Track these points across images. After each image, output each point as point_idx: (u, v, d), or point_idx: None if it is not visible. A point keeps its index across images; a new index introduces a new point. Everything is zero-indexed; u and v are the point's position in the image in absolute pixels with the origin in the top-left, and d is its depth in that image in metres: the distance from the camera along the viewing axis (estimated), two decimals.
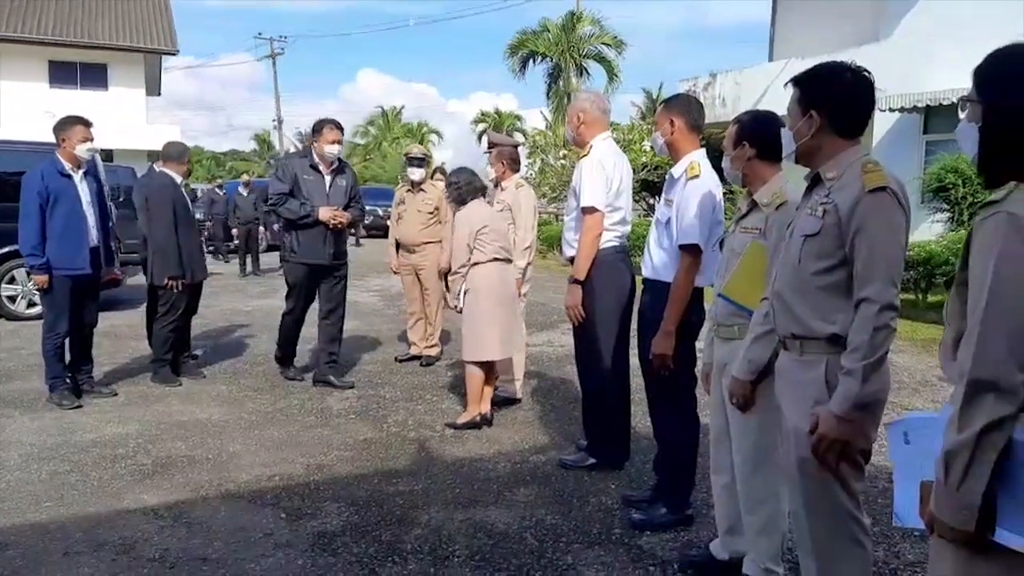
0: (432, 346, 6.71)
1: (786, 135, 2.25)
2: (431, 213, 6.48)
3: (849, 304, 2.05)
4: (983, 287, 1.39)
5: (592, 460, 4.14)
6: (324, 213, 5.50)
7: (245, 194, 13.80)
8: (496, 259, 4.76)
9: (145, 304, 6.47)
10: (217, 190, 15.71)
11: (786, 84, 2.23)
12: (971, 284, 1.45)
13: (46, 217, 4.97)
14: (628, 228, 4.05)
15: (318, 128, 5.58)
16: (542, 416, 5.16)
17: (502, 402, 5.28)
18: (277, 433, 4.77)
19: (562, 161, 16.51)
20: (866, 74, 2.14)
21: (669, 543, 3.30)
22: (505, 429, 4.89)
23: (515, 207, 5.08)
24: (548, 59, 27.07)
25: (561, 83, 27.23)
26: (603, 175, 3.88)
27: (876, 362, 1.98)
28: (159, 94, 28.82)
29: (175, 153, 6.08)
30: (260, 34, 53.67)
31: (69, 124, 5.12)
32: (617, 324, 4.00)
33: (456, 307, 4.91)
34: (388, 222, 7.89)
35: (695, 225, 3.19)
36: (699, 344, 3.33)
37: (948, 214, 9.94)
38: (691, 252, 3.21)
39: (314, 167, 5.58)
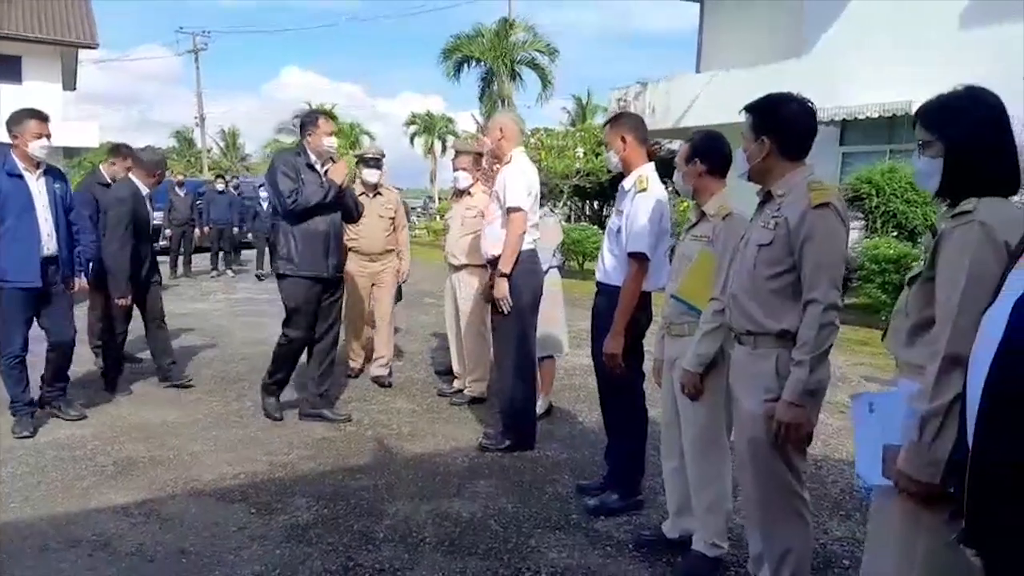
0: (384, 365, 6.09)
1: (740, 156, 2.54)
2: (392, 219, 6.03)
3: (797, 305, 2.35)
4: (956, 283, 1.70)
5: (507, 442, 4.54)
6: (337, 172, 4.84)
7: (182, 195, 13.50)
8: None
9: (87, 306, 6.38)
10: (178, 188, 14.00)
11: (741, 111, 2.52)
12: (941, 281, 1.75)
13: None
14: (539, 234, 4.57)
15: (311, 120, 4.89)
16: (494, 413, 5.36)
17: (469, 401, 5.51)
18: (235, 433, 4.84)
19: (497, 165, 16.73)
20: (809, 104, 2.45)
21: (623, 526, 3.56)
22: (459, 427, 5.08)
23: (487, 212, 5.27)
24: (482, 64, 27.33)
25: (495, 87, 27.54)
26: (525, 181, 4.40)
27: (822, 354, 2.29)
28: (75, 88, 27.77)
29: (150, 163, 5.78)
30: (182, 28, 52.33)
31: (20, 119, 4.57)
32: (531, 318, 4.50)
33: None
34: None
35: (642, 235, 3.45)
36: (647, 344, 3.61)
37: (863, 222, 10.59)
38: (639, 259, 3.47)
39: (310, 165, 4.81)
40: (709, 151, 3.02)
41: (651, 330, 3.65)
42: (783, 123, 2.45)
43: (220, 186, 14.66)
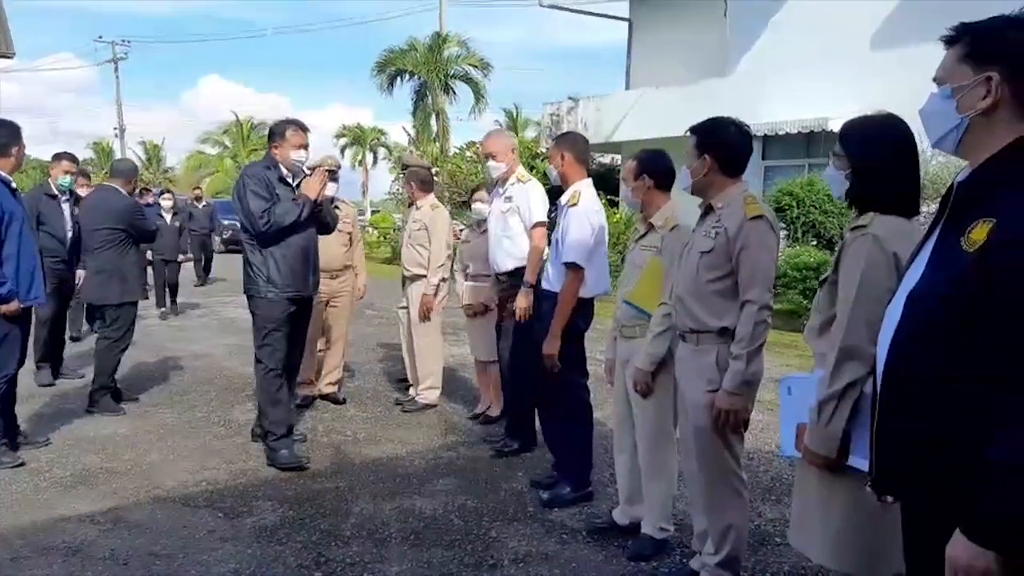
0: (334, 383, 5.95)
1: (684, 172, 2.84)
2: (349, 233, 5.76)
3: (735, 305, 2.66)
4: (852, 286, 2.02)
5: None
6: (311, 186, 4.47)
7: (200, 207, 13.10)
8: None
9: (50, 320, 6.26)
10: (196, 202, 13.06)
11: (686, 132, 2.82)
12: (841, 283, 2.07)
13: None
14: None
15: (279, 131, 4.51)
16: (447, 418, 5.56)
17: (421, 408, 5.68)
18: (191, 443, 4.91)
19: (435, 178, 16.91)
20: (746, 128, 2.76)
21: (576, 515, 3.82)
22: (413, 431, 5.25)
23: (431, 226, 5.47)
24: (416, 77, 27.49)
25: (428, 100, 27.73)
26: (544, 198, 4.56)
27: (756, 349, 2.60)
28: None
29: (125, 170, 6.07)
30: (101, 37, 50.82)
31: None
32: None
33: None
34: None
35: (574, 247, 3.75)
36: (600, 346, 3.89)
37: (785, 232, 11.20)
38: (573, 269, 3.76)
39: (283, 179, 4.48)
40: (655, 167, 3.32)
41: (604, 332, 3.94)
42: (723, 143, 2.77)
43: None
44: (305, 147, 4.58)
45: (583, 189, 3.89)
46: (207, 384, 6.46)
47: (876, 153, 2.13)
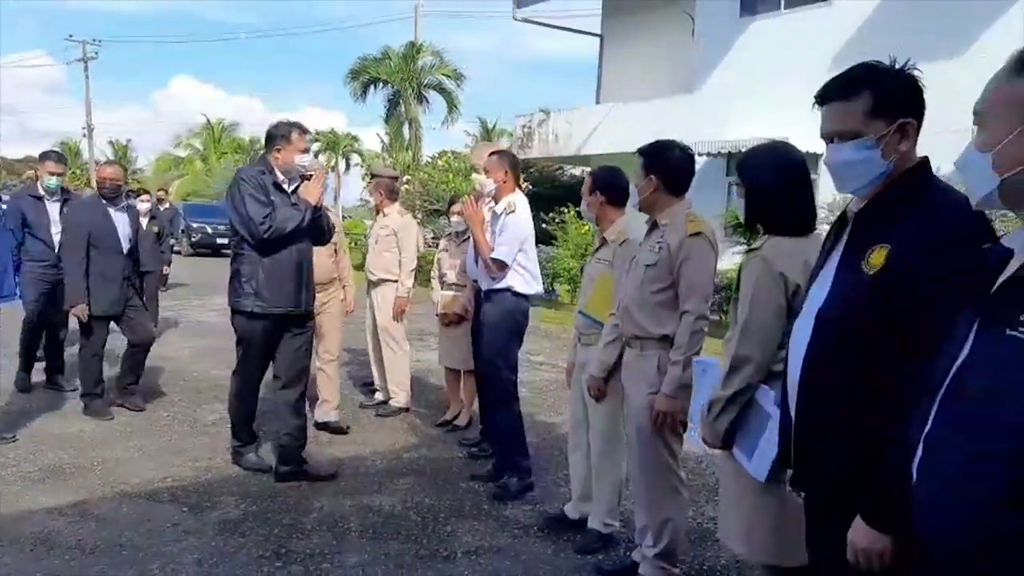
0: (331, 410, 5.48)
1: (633, 190, 3.05)
2: (335, 243, 5.33)
3: (675, 315, 2.88)
4: (745, 304, 2.26)
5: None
6: (311, 191, 4.24)
7: None
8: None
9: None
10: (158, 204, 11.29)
11: (634, 153, 3.04)
12: (739, 300, 2.29)
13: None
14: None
15: (283, 134, 4.22)
16: (411, 422, 5.71)
17: (392, 412, 5.81)
18: (156, 442, 5.00)
19: (406, 186, 17.07)
20: (689, 151, 2.99)
21: (529, 512, 4.01)
22: (375, 433, 5.40)
23: (401, 231, 5.64)
24: (389, 85, 27.65)
25: (401, 109, 27.89)
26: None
27: (692, 356, 2.81)
28: None
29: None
30: (71, 36, 50.08)
31: None
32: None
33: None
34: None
35: (505, 247, 4.15)
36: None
37: (745, 246, 11.52)
38: (499, 265, 4.15)
39: (278, 185, 4.20)
40: (609, 184, 3.54)
41: (567, 338, 4.13)
42: (667, 165, 2.99)
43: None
44: (308, 151, 4.41)
45: (518, 200, 4.24)
46: (173, 386, 6.53)
47: (765, 178, 2.36)
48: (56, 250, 5.72)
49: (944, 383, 1.32)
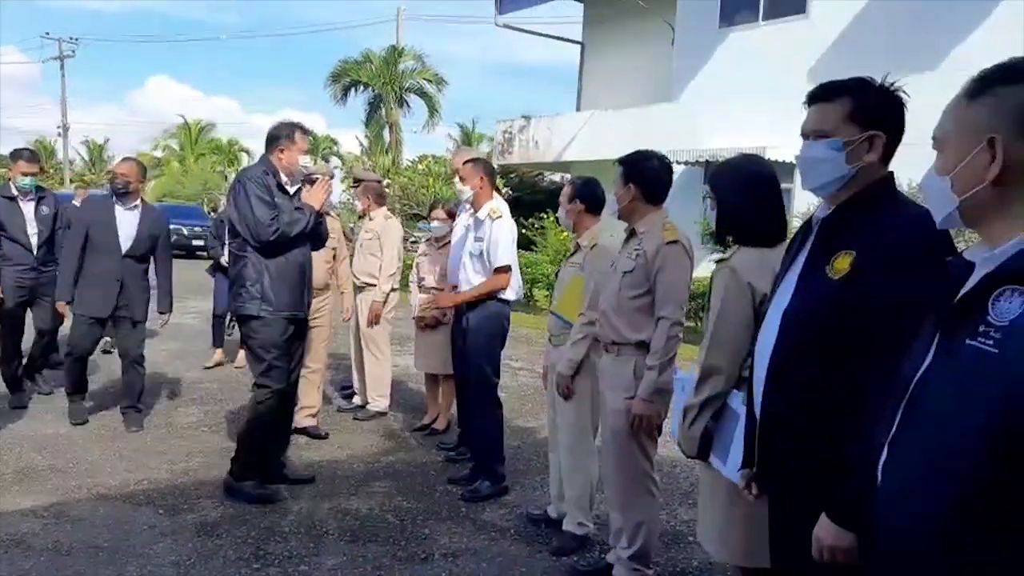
0: (314, 415, 5.43)
1: (611, 199, 3.12)
2: (334, 248, 5.37)
3: (652, 321, 2.94)
4: (714, 314, 2.33)
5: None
6: (316, 196, 4.20)
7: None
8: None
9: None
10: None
11: (614, 162, 3.11)
12: (711, 309, 2.35)
13: None
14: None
15: (286, 134, 4.14)
16: (389, 427, 5.73)
17: (370, 416, 5.82)
18: (132, 445, 4.98)
19: (386, 190, 17.05)
20: (667, 161, 3.06)
21: (505, 515, 4.05)
22: (353, 436, 5.42)
23: (383, 235, 5.67)
24: (370, 89, 27.61)
25: (382, 112, 27.86)
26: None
27: (668, 361, 2.89)
28: None
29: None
30: (48, 34, 49.48)
31: None
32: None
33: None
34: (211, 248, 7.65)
35: (507, 252, 4.23)
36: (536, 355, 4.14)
37: (721, 254, 11.65)
38: (504, 271, 4.21)
39: (281, 187, 4.12)
40: (587, 194, 3.66)
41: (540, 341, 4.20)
42: (646, 175, 3.06)
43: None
44: (309, 152, 4.34)
45: (502, 206, 4.31)
46: (148, 388, 6.44)
47: (735, 191, 2.44)
48: (35, 252, 5.64)
49: (909, 388, 1.37)
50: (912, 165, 2.28)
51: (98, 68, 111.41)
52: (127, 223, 5.28)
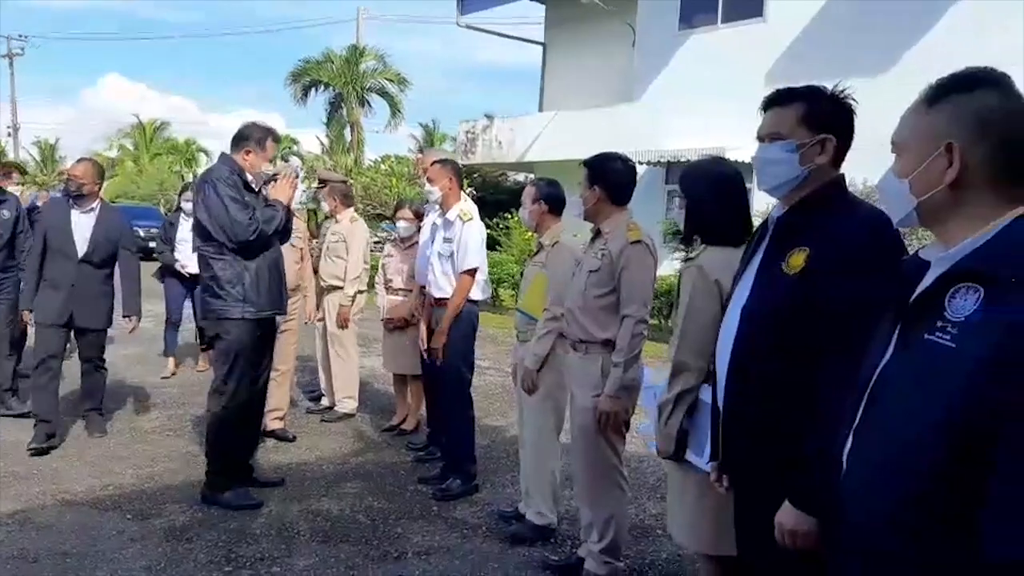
0: (281, 417, 5.44)
1: (576, 200, 3.19)
2: (301, 249, 5.43)
3: (617, 319, 3.01)
4: (682, 311, 2.41)
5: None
6: (282, 191, 4.18)
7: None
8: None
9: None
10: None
11: (579, 164, 3.17)
12: (679, 307, 2.43)
13: None
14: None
15: (257, 139, 4.11)
16: (358, 428, 5.73)
17: (339, 418, 5.82)
18: (96, 451, 4.92)
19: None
20: (631, 163, 3.14)
21: (476, 512, 4.10)
22: (321, 438, 5.41)
23: (349, 238, 5.67)
24: (331, 88, 27.42)
25: (343, 112, 27.68)
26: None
27: (633, 358, 2.96)
28: None
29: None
30: None
31: None
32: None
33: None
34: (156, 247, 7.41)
35: (475, 254, 4.26)
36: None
37: (684, 253, 11.83)
38: (471, 274, 4.24)
39: (247, 185, 4.08)
40: (550, 196, 3.76)
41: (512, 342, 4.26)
42: (610, 176, 3.14)
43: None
44: (273, 160, 4.34)
45: (471, 208, 4.36)
46: (109, 393, 6.35)
47: (700, 191, 2.53)
48: None
49: (870, 382, 1.41)
50: (864, 167, 2.39)
51: (50, 67, 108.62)
52: (83, 226, 5.09)
